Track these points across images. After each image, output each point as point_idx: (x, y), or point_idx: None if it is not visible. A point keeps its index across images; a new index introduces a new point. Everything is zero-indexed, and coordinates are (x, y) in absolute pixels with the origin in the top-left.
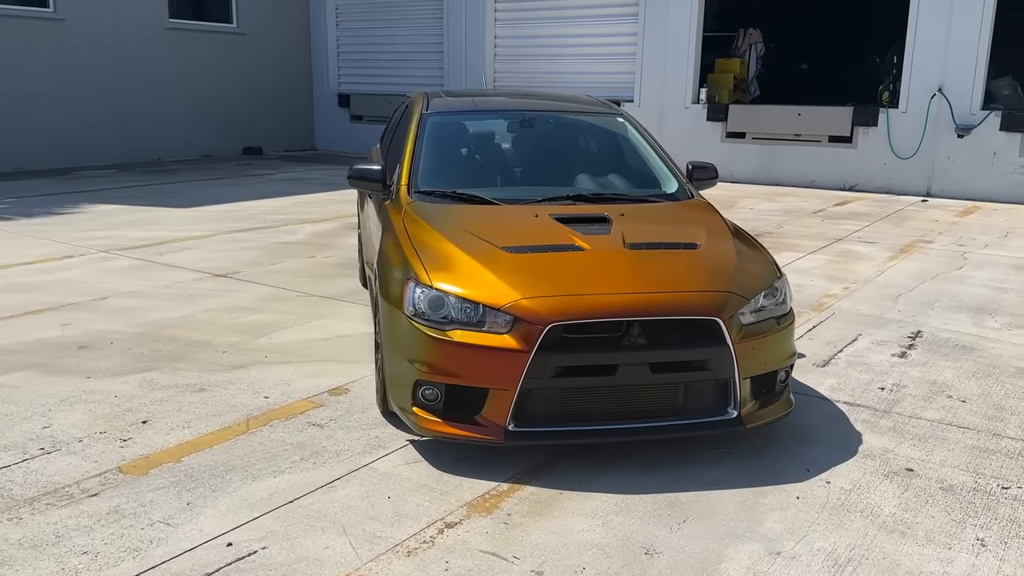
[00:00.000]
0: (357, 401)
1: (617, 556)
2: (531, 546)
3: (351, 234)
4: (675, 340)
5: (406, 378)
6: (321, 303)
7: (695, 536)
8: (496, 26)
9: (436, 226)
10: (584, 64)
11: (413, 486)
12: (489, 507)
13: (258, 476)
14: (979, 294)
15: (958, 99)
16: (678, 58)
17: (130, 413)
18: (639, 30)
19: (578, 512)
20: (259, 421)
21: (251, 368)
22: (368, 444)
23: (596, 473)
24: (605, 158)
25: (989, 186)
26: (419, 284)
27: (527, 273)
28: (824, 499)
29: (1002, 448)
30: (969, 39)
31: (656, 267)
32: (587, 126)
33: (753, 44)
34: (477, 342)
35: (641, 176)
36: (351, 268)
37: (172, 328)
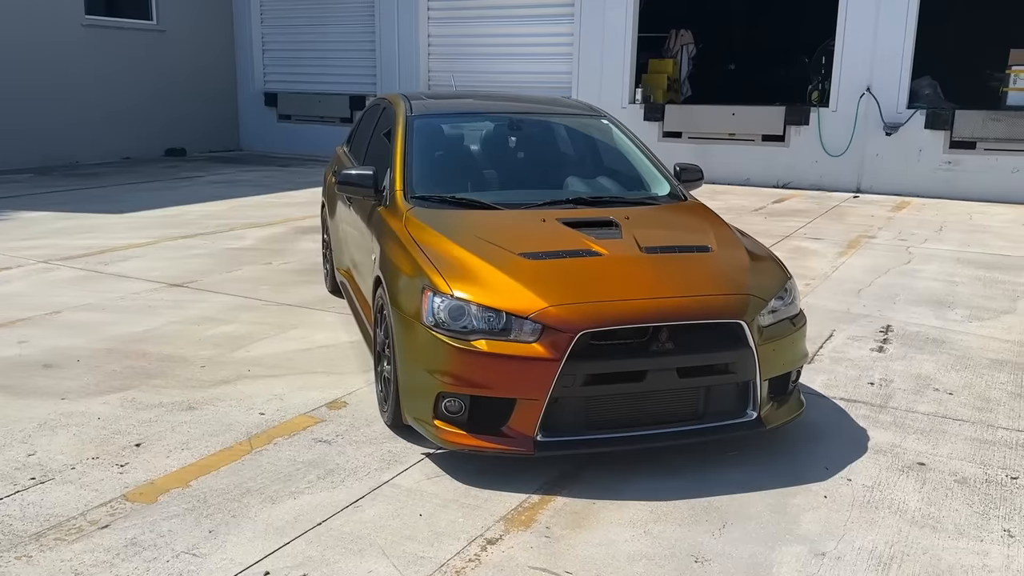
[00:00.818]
0: (359, 415)
1: (668, 565)
2: (580, 560)
3: (302, 239)
4: (700, 344)
5: (426, 390)
6: (291, 312)
7: (738, 541)
8: (430, 24)
9: (445, 233)
10: (521, 64)
11: (442, 502)
12: (526, 520)
13: (277, 498)
14: (934, 288)
15: (885, 98)
16: (615, 58)
17: (119, 436)
18: (575, 30)
19: (616, 522)
20: (262, 440)
21: (237, 383)
22: (383, 459)
23: (623, 481)
24: (596, 161)
25: (915, 182)
26: (437, 293)
27: (550, 280)
28: (851, 497)
29: (999, 439)
30: (894, 41)
31: (676, 271)
32: (575, 129)
33: (685, 45)
34: (505, 351)
35: (634, 178)
36: (312, 275)
37: (139, 343)
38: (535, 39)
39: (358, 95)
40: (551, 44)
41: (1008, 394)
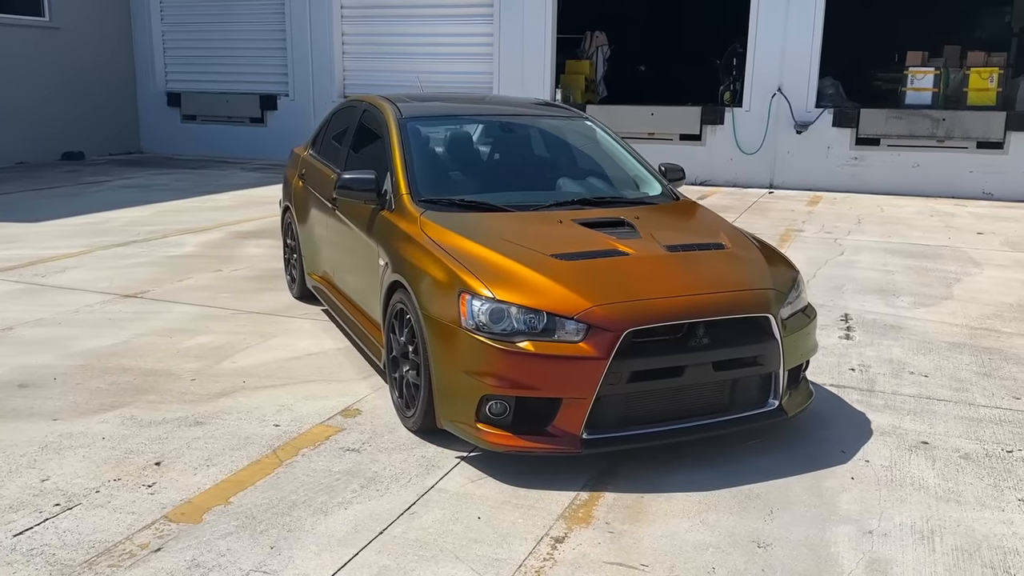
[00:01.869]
0: (377, 422)
1: (735, 552)
2: (650, 552)
3: (245, 245)
4: (732, 338)
5: (467, 393)
6: (263, 320)
7: (790, 525)
8: (344, 23)
9: (469, 236)
10: (441, 63)
11: (495, 504)
12: (584, 517)
13: (327, 510)
14: (873, 277)
15: (795, 98)
16: (535, 59)
17: (134, 455)
18: (495, 31)
19: (670, 514)
20: (288, 452)
21: (236, 395)
22: (420, 465)
23: (662, 474)
24: (588, 161)
25: (824, 177)
26: (476, 297)
27: (589, 280)
28: (874, 478)
29: (983, 416)
30: (803, 44)
31: (703, 268)
32: (562, 130)
33: (600, 46)
34: (553, 352)
35: (627, 178)
36: (269, 281)
37: (114, 358)
38: (454, 39)
39: (269, 94)
40: (471, 44)
41: (976, 374)
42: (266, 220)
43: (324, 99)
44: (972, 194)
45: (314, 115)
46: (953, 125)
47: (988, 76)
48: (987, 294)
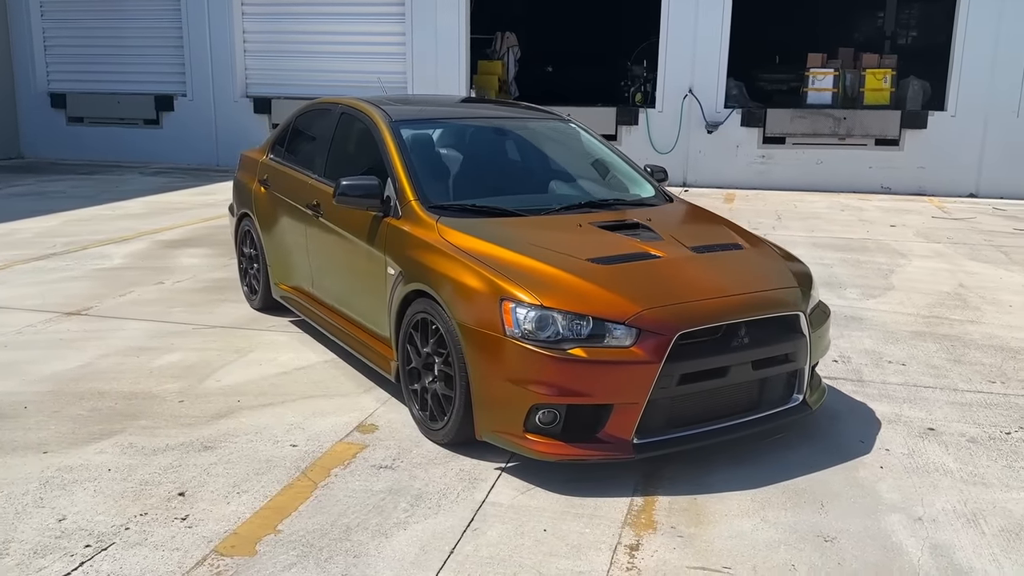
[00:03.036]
0: (399, 436)
1: (806, 547)
2: (726, 553)
3: (177, 254)
4: (767, 337)
5: (514, 403)
6: (230, 335)
7: (845, 516)
8: (245, 20)
9: (496, 242)
10: (351, 63)
11: (554, 514)
12: (647, 523)
13: (386, 532)
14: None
15: (706, 99)
16: (449, 59)
17: (151, 487)
18: (407, 30)
19: (730, 513)
20: (318, 473)
21: (236, 416)
22: (461, 479)
23: (703, 475)
24: (581, 163)
25: (735, 175)
26: (521, 304)
27: (632, 284)
28: (901, 466)
29: (969, 400)
30: (712, 45)
31: (734, 269)
32: (550, 132)
33: (510, 47)
34: (606, 357)
35: (621, 179)
36: (220, 292)
37: (84, 381)
38: (365, 38)
39: (164, 95)
40: (382, 44)
41: (947, 361)
42: (189, 228)
43: (226, 99)
44: (872, 189)
45: (215, 116)
46: (853, 124)
47: (882, 77)
48: (923, 283)
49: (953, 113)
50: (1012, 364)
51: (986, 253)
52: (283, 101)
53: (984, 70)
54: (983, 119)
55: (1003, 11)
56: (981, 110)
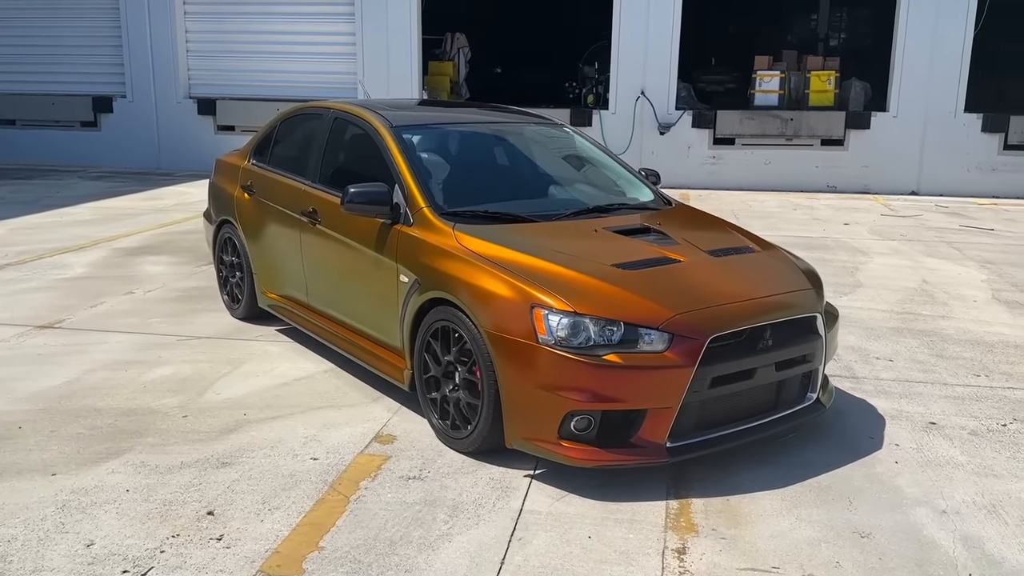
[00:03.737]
0: (420, 446)
1: (846, 544)
2: (771, 553)
3: (141, 263)
4: (790, 338)
5: (548, 410)
6: (219, 346)
7: (875, 512)
8: (187, 20)
9: (519, 248)
10: (300, 63)
11: (595, 521)
12: (688, 526)
13: (432, 544)
14: None
15: (658, 101)
16: (401, 59)
17: (176, 507)
18: (357, 30)
19: (764, 513)
20: (347, 486)
21: (247, 430)
22: (494, 488)
23: (729, 475)
24: (581, 167)
25: (687, 176)
26: (553, 311)
27: (660, 289)
28: (914, 460)
29: (960, 394)
30: (663, 47)
31: (753, 272)
32: (547, 136)
33: (461, 48)
34: (641, 363)
35: (620, 183)
36: (197, 302)
37: (75, 398)
38: (314, 37)
39: (103, 96)
40: (332, 44)
41: (931, 355)
42: (146, 235)
43: (168, 100)
44: (818, 188)
45: (157, 118)
46: (800, 125)
47: (827, 79)
48: (889, 280)
49: (895, 114)
50: (991, 358)
51: (941, 249)
52: (229, 102)
53: (923, 72)
54: (923, 120)
55: (939, 16)
56: (921, 111)
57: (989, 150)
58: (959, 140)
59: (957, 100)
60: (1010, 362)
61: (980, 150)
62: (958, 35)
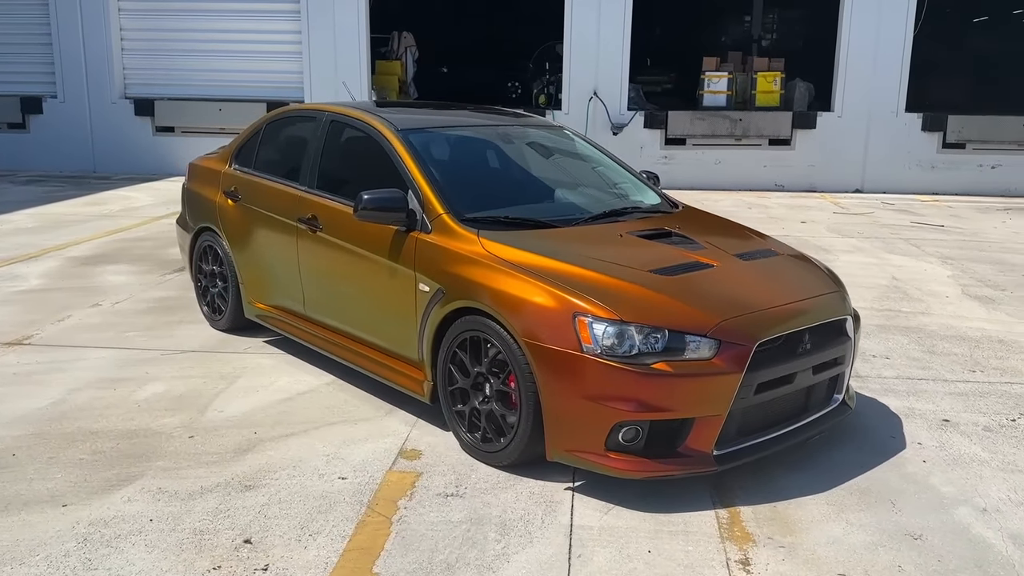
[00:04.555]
0: (449, 460)
1: (902, 547)
2: (833, 560)
3: (99, 272)
4: (824, 342)
5: (595, 421)
6: (208, 360)
7: (920, 513)
8: (122, 16)
9: (552, 255)
10: (243, 62)
11: (649, 534)
12: (744, 536)
13: (491, 566)
14: None
15: (611, 102)
16: (350, 59)
17: (209, 536)
18: (303, 28)
19: (814, 519)
20: (385, 507)
21: (262, 450)
22: (537, 502)
23: (767, 482)
24: (587, 170)
25: None
26: (598, 319)
27: (701, 294)
28: (939, 459)
29: (963, 390)
30: (615, 48)
31: (784, 276)
32: (550, 139)
33: (408, 47)
34: (691, 371)
35: (626, 186)
36: (171, 313)
37: (67, 420)
38: (256, 36)
39: (32, 96)
40: (277, 42)
41: (924, 352)
42: (96, 243)
43: (102, 101)
44: (767, 186)
45: (91, 119)
46: (748, 125)
47: (772, 80)
48: (860, 277)
49: (839, 114)
50: (980, 353)
51: (900, 246)
52: (168, 103)
53: (866, 73)
54: (866, 119)
55: (881, 18)
56: (864, 111)
57: (929, 148)
58: (901, 139)
59: (899, 100)
60: (998, 357)
61: (920, 149)
62: (899, 37)
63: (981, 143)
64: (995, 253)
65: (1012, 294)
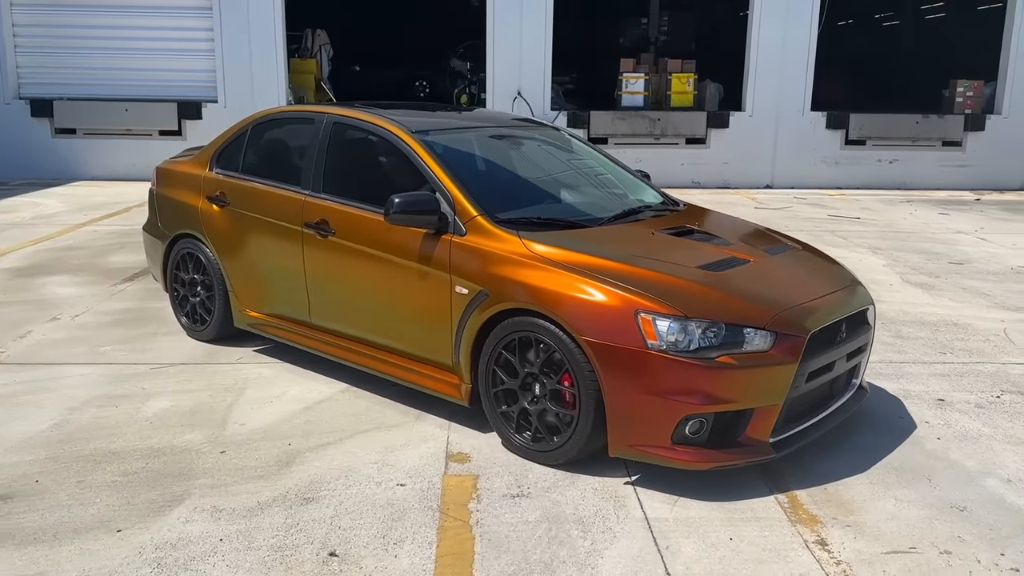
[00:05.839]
0: (500, 461)
1: (952, 518)
2: (899, 535)
3: (40, 285)
4: (855, 330)
5: (662, 416)
6: (203, 372)
7: (954, 486)
8: (14, 11)
9: (600, 255)
10: (151, 60)
11: (723, 522)
12: (810, 519)
13: (587, 563)
14: None
15: (535, 101)
16: (266, 57)
17: (290, 551)
18: (215, 25)
19: (866, 498)
20: (458, 511)
21: (305, 461)
22: (604, 498)
23: (810, 468)
24: (593, 171)
25: None
26: (661, 316)
27: (751, 289)
28: (951, 435)
29: (944, 371)
30: (537, 48)
31: (812, 269)
32: (550, 140)
33: (323, 45)
34: (751, 362)
35: (629, 186)
36: (142, 325)
37: (79, 442)
38: (164, 33)
39: None
40: (186, 40)
41: (893, 337)
42: (23, 253)
43: None
44: (685, 184)
45: None
46: (666, 125)
47: (686, 80)
48: None
49: (750, 113)
50: (943, 336)
51: (828, 238)
52: (69, 103)
53: (775, 74)
54: (775, 118)
55: (788, 20)
56: (773, 110)
57: (833, 145)
58: (807, 137)
59: (805, 100)
60: (960, 339)
61: (825, 145)
62: (804, 38)
63: (880, 139)
64: (916, 243)
65: (946, 280)
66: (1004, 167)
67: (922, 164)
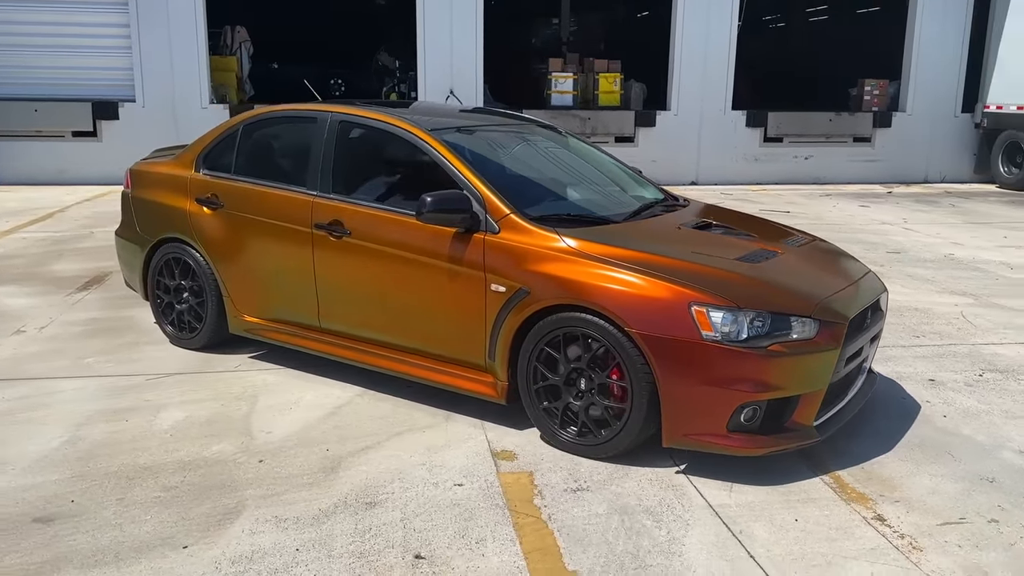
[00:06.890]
0: (548, 456)
1: (987, 489)
2: (946, 508)
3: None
4: (875, 317)
5: (718, 405)
6: (207, 381)
7: (976, 459)
8: None
9: (642, 249)
10: (62, 58)
11: (782, 505)
12: (859, 496)
13: (673, 551)
14: None
15: (467, 99)
16: (187, 55)
17: (372, 556)
18: (132, 21)
19: (902, 475)
20: (525, 507)
21: (351, 466)
22: (663, 488)
23: (842, 450)
24: (600, 168)
25: None
26: (714, 307)
27: (790, 279)
28: (955, 412)
29: (923, 353)
30: (468, 47)
31: (832, 260)
32: (552, 138)
33: (243, 42)
34: (800, 350)
35: (632, 183)
36: (120, 335)
37: (103, 459)
38: (75, 29)
39: None
40: (99, 36)
41: None
42: None
43: None
44: None
45: None
46: (597, 123)
47: (613, 80)
48: None
49: (676, 113)
50: (911, 320)
51: None
52: None
53: (698, 75)
54: (699, 117)
55: (711, 22)
56: (697, 110)
57: (752, 143)
58: (729, 135)
59: (726, 99)
60: (926, 324)
61: (746, 143)
62: (724, 39)
63: (796, 136)
64: (849, 234)
65: (891, 268)
66: (909, 161)
67: (835, 159)
